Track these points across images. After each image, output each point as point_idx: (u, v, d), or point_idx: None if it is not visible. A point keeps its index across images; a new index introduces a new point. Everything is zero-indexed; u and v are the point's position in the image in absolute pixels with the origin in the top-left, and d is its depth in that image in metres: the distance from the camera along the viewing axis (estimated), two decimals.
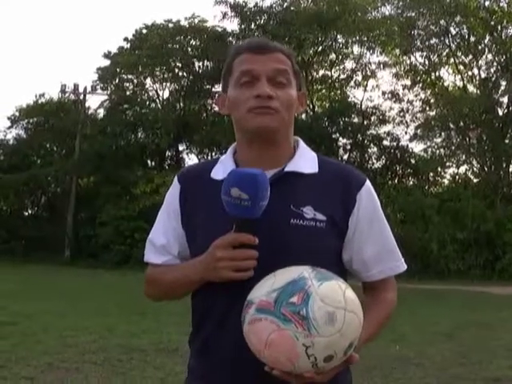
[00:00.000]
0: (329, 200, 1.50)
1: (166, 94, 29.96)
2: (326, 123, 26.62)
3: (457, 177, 25.25)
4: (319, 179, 1.53)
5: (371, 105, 27.59)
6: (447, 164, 25.61)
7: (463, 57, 25.60)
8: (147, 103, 29.84)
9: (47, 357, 6.26)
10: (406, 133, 26.98)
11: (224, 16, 27.19)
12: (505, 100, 24.18)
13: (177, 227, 1.58)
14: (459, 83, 25.97)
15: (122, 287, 15.02)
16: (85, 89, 30.68)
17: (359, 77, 28.05)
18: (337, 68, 28.59)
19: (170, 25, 28.93)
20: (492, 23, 24.13)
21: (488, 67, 25.13)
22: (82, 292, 13.74)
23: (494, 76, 24.83)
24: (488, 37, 24.61)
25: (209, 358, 1.52)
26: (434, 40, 25.26)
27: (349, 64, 28.30)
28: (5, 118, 41.86)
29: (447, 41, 25.24)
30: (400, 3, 24.88)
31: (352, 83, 28.30)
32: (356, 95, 28.29)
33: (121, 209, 25.67)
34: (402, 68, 26.68)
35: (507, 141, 23.81)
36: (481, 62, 25.11)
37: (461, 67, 25.65)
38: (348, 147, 27.83)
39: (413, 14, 24.70)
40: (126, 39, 29.78)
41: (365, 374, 5.51)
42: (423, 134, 25.35)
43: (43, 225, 28.99)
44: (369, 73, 27.59)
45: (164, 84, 29.88)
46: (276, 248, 1.43)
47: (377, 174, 26.54)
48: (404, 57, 26.35)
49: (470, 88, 25.67)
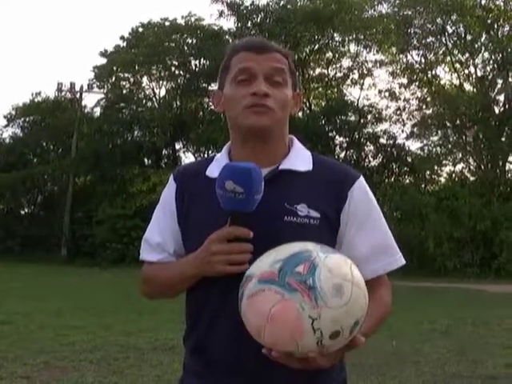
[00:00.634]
0: (322, 197, 1.51)
1: (163, 93, 30.03)
2: (323, 121, 26.66)
3: (453, 175, 25.26)
4: (313, 177, 1.53)
5: (368, 103, 27.69)
6: (444, 162, 25.67)
7: (460, 55, 25.62)
8: (144, 102, 29.84)
9: (43, 355, 6.24)
10: (403, 131, 27.05)
11: (220, 14, 27.26)
12: (501, 98, 24.24)
13: (173, 225, 1.58)
14: (456, 81, 26.03)
15: (119, 286, 15.01)
16: (81, 87, 30.70)
17: (356, 75, 28.12)
18: (333, 66, 28.62)
19: (167, 23, 28.95)
20: (488, 21, 24.15)
21: (484, 65, 25.18)
22: (79, 291, 13.74)
23: (491, 74, 24.86)
24: (484, 35, 24.62)
25: (203, 355, 1.51)
26: (431, 38, 25.28)
27: (345, 62, 28.39)
28: (1, 117, 41.87)
29: (444, 39, 25.27)
30: (396, 1, 24.90)
31: (348, 81, 28.37)
32: (352, 93, 28.47)
33: (117, 207, 25.68)
34: (399, 66, 26.68)
35: (503, 139, 23.86)
36: (477, 61, 25.17)
37: (457, 65, 25.66)
38: (344, 145, 27.88)
39: (409, 13, 24.71)
40: (123, 38, 29.82)
41: (361, 372, 5.51)
42: (420, 133, 25.39)
43: (40, 223, 29.00)
44: (365, 71, 27.65)
45: (160, 82, 29.92)
46: (270, 245, 1.43)
47: (373, 173, 26.57)
48: (400, 55, 26.36)
49: (467, 86, 25.74)
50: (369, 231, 1.54)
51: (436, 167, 25.63)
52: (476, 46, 24.87)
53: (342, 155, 27.03)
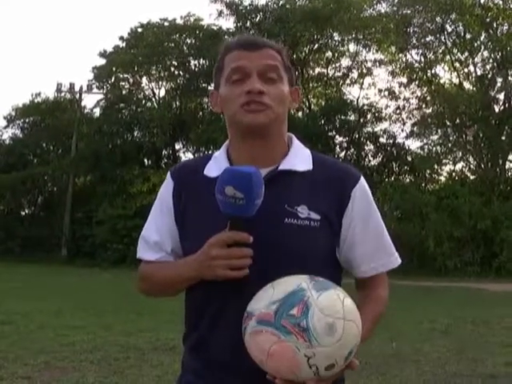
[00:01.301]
0: (323, 198, 1.50)
1: (162, 93, 29.96)
2: (322, 121, 26.65)
3: (453, 174, 25.25)
4: (314, 177, 1.52)
5: (367, 102, 27.65)
6: (444, 161, 25.66)
7: (459, 54, 25.61)
8: (143, 102, 29.79)
9: (44, 356, 6.24)
10: (403, 130, 27.09)
11: (219, 14, 27.27)
12: (501, 97, 24.24)
13: (170, 223, 1.57)
14: (455, 80, 26.02)
15: (119, 286, 14.98)
16: (81, 88, 30.67)
17: (355, 74, 28.14)
18: (333, 66, 28.61)
19: (166, 23, 28.91)
20: (488, 20, 24.13)
21: (484, 64, 25.17)
22: (79, 291, 13.73)
23: (490, 73, 24.85)
24: (484, 34, 24.61)
25: (202, 356, 1.51)
26: (430, 37, 25.27)
27: (345, 62, 28.41)
28: (1, 118, 41.88)
29: (443, 38, 25.26)
30: (395, 0, 24.90)
31: (348, 81, 28.37)
32: (352, 93, 28.40)
33: (117, 208, 25.66)
34: (398, 65, 26.67)
35: (503, 138, 23.85)
36: (477, 59, 25.15)
37: (457, 64, 25.66)
38: (344, 145, 27.89)
39: (408, 12, 24.71)
40: (122, 38, 29.77)
41: (361, 372, 5.50)
42: (420, 132, 25.38)
43: (40, 224, 28.98)
44: (365, 70, 27.64)
45: (160, 83, 29.87)
46: (270, 247, 1.43)
47: (373, 172, 26.59)
48: (400, 54, 26.34)
49: (466, 85, 25.72)
50: (371, 230, 1.55)
51: (436, 166, 25.61)
52: (475, 45, 24.87)
53: (342, 155, 27.03)
